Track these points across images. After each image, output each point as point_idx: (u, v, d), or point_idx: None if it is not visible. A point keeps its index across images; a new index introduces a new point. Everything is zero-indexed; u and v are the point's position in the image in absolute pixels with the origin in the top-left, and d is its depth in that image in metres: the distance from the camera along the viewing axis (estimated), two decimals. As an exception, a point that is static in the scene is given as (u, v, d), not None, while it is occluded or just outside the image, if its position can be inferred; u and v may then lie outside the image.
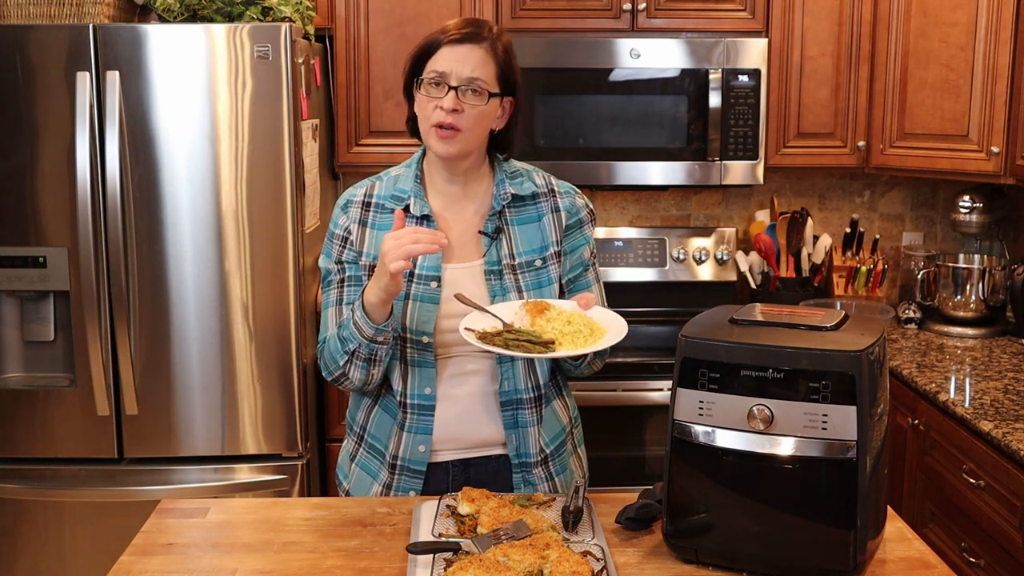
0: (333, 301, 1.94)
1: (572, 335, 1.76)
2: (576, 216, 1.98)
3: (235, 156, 2.73)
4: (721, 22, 3.24)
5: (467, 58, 1.82)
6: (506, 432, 1.92)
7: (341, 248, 1.93)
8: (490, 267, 1.90)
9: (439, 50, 1.83)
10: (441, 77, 1.82)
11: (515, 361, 1.90)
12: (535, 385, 1.93)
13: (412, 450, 1.90)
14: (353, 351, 1.83)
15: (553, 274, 1.94)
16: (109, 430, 2.82)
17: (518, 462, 1.93)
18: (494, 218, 1.92)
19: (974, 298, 3.23)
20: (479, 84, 1.82)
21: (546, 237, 1.94)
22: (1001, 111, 2.95)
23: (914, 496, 2.75)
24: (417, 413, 1.90)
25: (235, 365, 2.80)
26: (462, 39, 1.82)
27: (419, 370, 1.89)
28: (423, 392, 1.89)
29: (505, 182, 1.94)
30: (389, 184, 1.95)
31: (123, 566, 1.62)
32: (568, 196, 1.99)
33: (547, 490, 1.95)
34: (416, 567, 1.55)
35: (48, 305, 2.83)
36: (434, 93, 1.83)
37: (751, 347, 1.55)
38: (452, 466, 1.93)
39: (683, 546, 1.62)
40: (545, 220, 1.95)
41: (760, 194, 3.64)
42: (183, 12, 2.79)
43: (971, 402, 2.52)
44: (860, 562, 1.53)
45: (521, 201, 1.95)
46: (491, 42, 1.85)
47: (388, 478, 1.93)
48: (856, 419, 1.49)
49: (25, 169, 2.73)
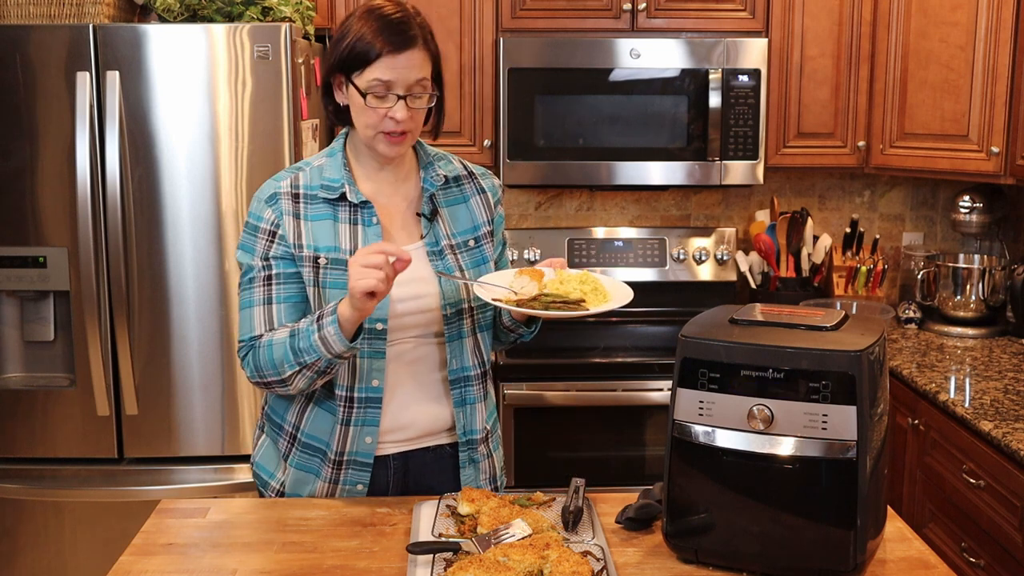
0: (259, 300, 1.84)
1: (592, 294, 1.80)
2: (496, 196, 2.03)
3: (235, 156, 2.73)
4: (721, 22, 3.24)
5: (410, 65, 1.78)
6: (455, 411, 1.93)
7: (269, 243, 1.84)
8: (431, 248, 1.90)
9: (381, 59, 1.77)
10: (387, 86, 1.78)
11: (463, 339, 1.92)
12: (480, 361, 1.95)
13: (359, 443, 1.88)
14: (307, 364, 1.76)
15: (488, 252, 1.96)
16: (109, 430, 2.82)
17: (465, 440, 1.94)
18: (429, 200, 1.93)
19: (974, 298, 3.23)
20: (423, 86, 1.82)
21: (476, 217, 1.97)
22: (1001, 111, 2.95)
23: (914, 496, 2.75)
24: (363, 407, 1.86)
25: (235, 365, 2.80)
26: (404, 45, 1.77)
27: (368, 362, 1.85)
28: (371, 385, 1.86)
29: (434, 164, 1.95)
30: (315, 174, 1.89)
31: (123, 566, 1.62)
32: (487, 178, 2.03)
33: (487, 467, 1.99)
34: (416, 567, 1.55)
35: (48, 305, 2.83)
36: (379, 103, 1.79)
37: (751, 347, 1.55)
38: (392, 460, 1.92)
39: (683, 546, 1.62)
40: (472, 201, 1.98)
41: (760, 194, 3.64)
42: (183, 12, 2.79)
43: (971, 402, 2.52)
44: (860, 562, 1.53)
45: (447, 184, 1.96)
46: (424, 38, 1.81)
47: (333, 474, 1.90)
48: (856, 419, 1.49)
49: (25, 169, 2.73)
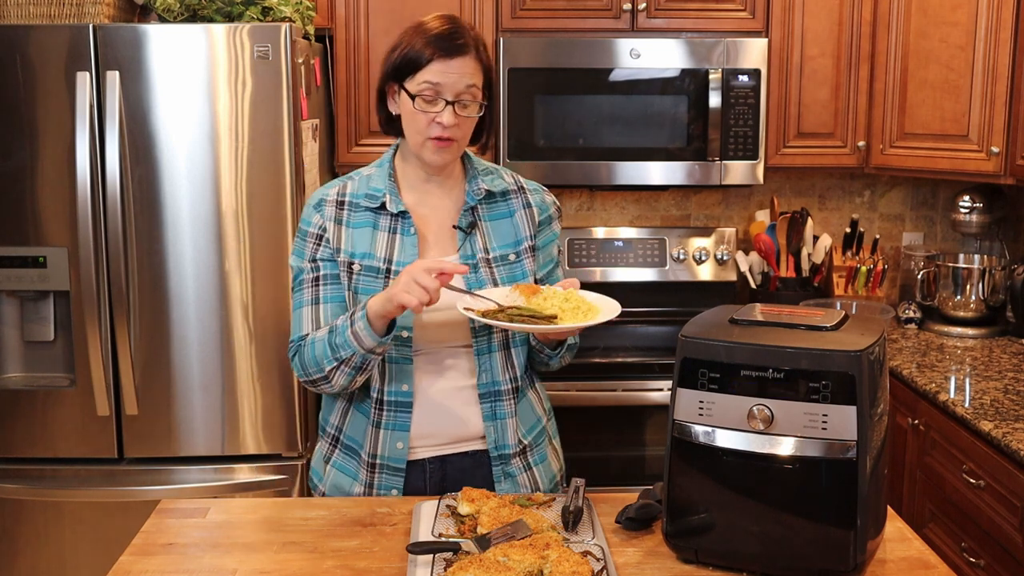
0: (308, 300, 1.92)
1: (571, 311, 1.79)
2: (546, 212, 2.02)
3: (235, 156, 2.73)
4: (721, 22, 3.24)
5: (462, 72, 1.83)
6: (485, 424, 1.93)
7: (316, 246, 1.92)
8: (465, 261, 1.91)
9: (432, 63, 1.82)
10: (436, 91, 1.82)
11: (492, 353, 1.92)
12: (512, 377, 1.95)
13: (390, 448, 1.91)
14: (345, 359, 1.82)
15: (527, 268, 1.96)
16: (109, 430, 2.82)
17: (497, 454, 1.94)
18: (468, 213, 1.94)
19: (974, 298, 3.23)
20: (473, 92, 1.84)
21: (519, 232, 1.97)
22: (1001, 111, 2.95)
23: (914, 496, 2.75)
24: (393, 410, 1.90)
25: (235, 365, 2.80)
26: (455, 52, 1.82)
27: (396, 367, 1.89)
28: (400, 389, 1.90)
29: (478, 178, 1.96)
30: (362, 183, 1.96)
31: (123, 566, 1.62)
32: (537, 193, 2.03)
33: (527, 480, 1.97)
34: (416, 567, 1.55)
35: (48, 305, 2.83)
36: (428, 107, 1.83)
37: (751, 347, 1.55)
38: (429, 463, 1.93)
39: (683, 546, 1.62)
40: (517, 216, 1.98)
41: (760, 194, 3.64)
42: (183, 12, 2.79)
43: (971, 402, 2.52)
44: (860, 562, 1.53)
45: (492, 198, 1.97)
46: (477, 48, 1.86)
47: (368, 477, 1.93)
48: (856, 419, 1.49)
49: (25, 169, 2.73)
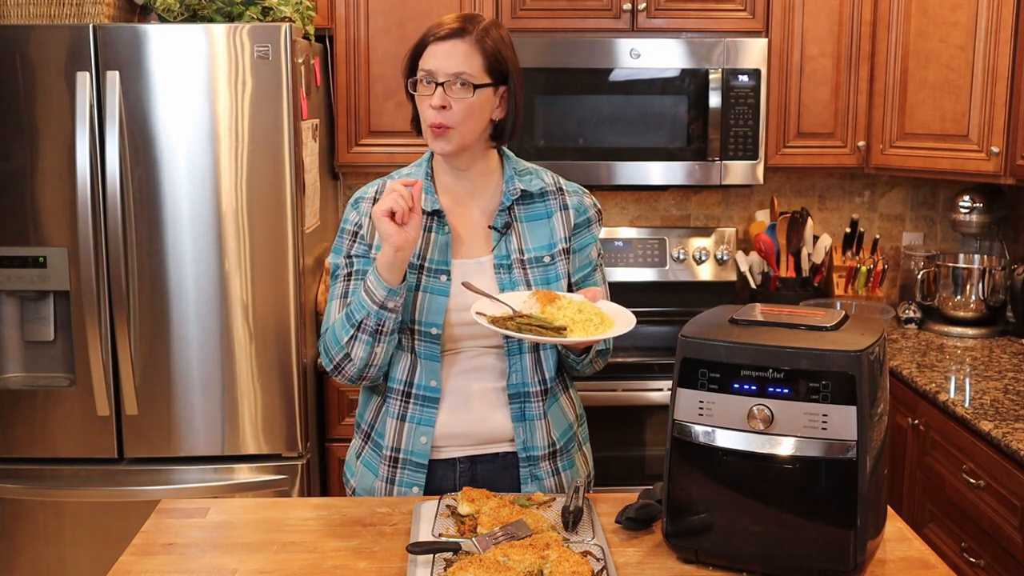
0: (339, 294, 1.94)
1: (583, 323, 1.78)
2: (585, 215, 2.00)
3: (235, 156, 2.73)
4: (721, 22, 3.24)
5: (451, 53, 1.83)
6: (514, 425, 1.92)
7: (352, 242, 1.95)
8: (499, 261, 1.91)
9: (427, 48, 1.85)
10: (429, 75, 1.84)
11: (523, 354, 1.91)
12: (542, 379, 1.94)
13: (413, 442, 1.91)
14: (360, 322, 1.82)
15: (561, 270, 1.95)
16: (109, 430, 2.82)
17: (525, 456, 1.93)
18: (503, 213, 1.94)
19: (974, 298, 3.23)
20: (465, 78, 1.83)
21: (555, 234, 1.96)
22: (1001, 111, 2.95)
23: (914, 496, 2.75)
24: (420, 404, 1.90)
25: (235, 365, 2.80)
26: (447, 35, 1.84)
27: (426, 363, 1.90)
28: (429, 384, 1.90)
29: (515, 178, 1.95)
30: None
31: (123, 566, 1.62)
32: (576, 195, 2.01)
33: (553, 485, 1.96)
34: (416, 567, 1.55)
35: (48, 305, 2.83)
36: (424, 91, 1.85)
37: (751, 347, 1.55)
38: (459, 463, 1.93)
39: (683, 546, 1.62)
40: (554, 218, 1.97)
41: (760, 194, 3.64)
42: (183, 12, 2.79)
43: (971, 402, 2.52)
44: (860, 562, 1.53)
45: (530, 198, 1.96)
46: (477, 35, 1.85)
47: (389, 472, 1.93)
48: (856, 419, 1.49)
49: (25, 169, 2.73)
